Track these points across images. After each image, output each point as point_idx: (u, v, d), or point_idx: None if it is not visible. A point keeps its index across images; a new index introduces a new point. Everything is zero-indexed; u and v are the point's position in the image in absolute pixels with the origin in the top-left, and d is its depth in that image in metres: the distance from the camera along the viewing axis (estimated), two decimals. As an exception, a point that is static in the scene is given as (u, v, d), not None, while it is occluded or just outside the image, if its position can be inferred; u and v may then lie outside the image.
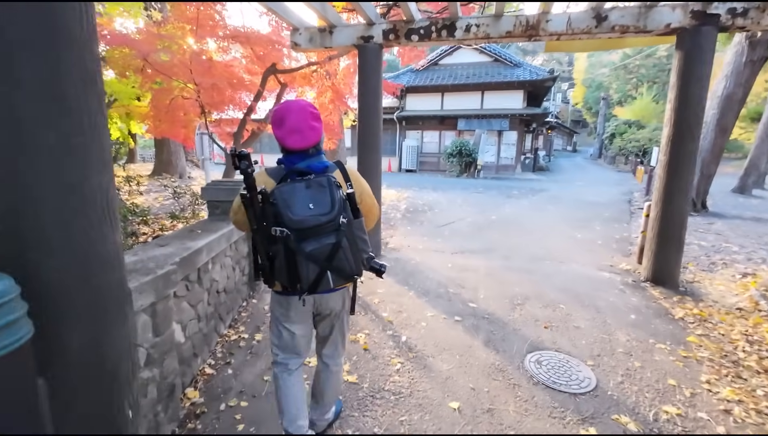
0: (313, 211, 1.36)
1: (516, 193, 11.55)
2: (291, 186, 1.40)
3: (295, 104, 1.52)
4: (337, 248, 1.38)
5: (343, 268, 1.42)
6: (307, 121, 1.49)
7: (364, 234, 1.51)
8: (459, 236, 6.26)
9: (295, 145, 1.49)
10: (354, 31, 4.60)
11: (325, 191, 1.39)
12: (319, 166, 1.51)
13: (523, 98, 17.38)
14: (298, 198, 1.38)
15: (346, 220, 1.40)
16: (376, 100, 4.73)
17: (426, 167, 19.25)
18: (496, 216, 7.92)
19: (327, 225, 1.36)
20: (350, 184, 1.54)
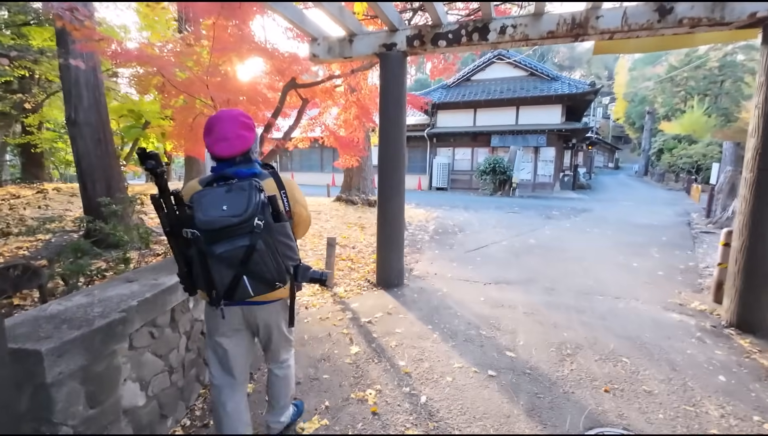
0: (225, 212, 1.31)
1: (556, 214, 10.67)
2: (210, 190, 1.39)
3: (226, 113, 1.53)
4: (251, 251, 1.32)
5: (262, 273, 1.36)
6: (235, 130, 1.48)
7: (289, 240, 1.46)
8: (493, 262, 5.60)
9: (222, 153, 1.48)
10: (375, 38, 4.22)
11: (243, 194, 1.34)
12: (246, 172, 1.49)
13: (562, 113, 16.48)
14: (211, 200, 1.35)
15: (263, 222, 1.33)
16: (400, 113, 4.29)
17: (457, 185, 18.59)
18: (534, 240, 7.17)
19: (239, 227, 1.30)
20: (284, 191, 1.54)
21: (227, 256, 1.32)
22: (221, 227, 1.30)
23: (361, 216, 9.12)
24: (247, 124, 1.53)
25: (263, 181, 1.50)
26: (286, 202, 1.55)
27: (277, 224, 1.40)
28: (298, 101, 6.20)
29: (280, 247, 1.40)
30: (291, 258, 1.45)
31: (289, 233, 1.47)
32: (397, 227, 4.43)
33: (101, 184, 5.63)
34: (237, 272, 1.34)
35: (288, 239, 1.46)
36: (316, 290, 4.25)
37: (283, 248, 1.42)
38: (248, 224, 1.30)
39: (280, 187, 1.54)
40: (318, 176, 21.42)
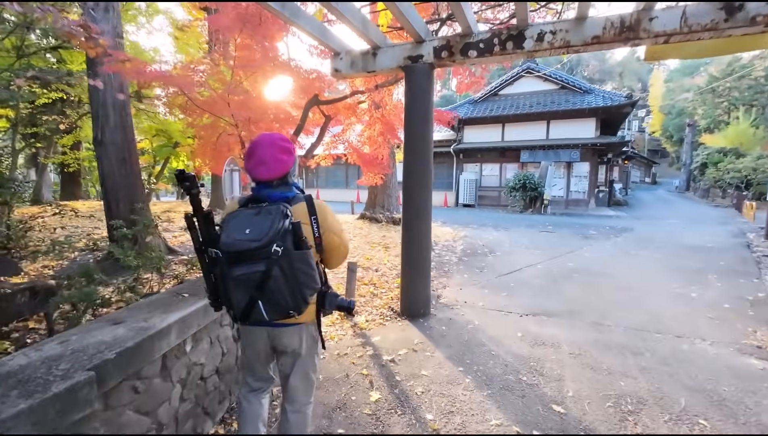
0: (246, 236, 1.32)
1: (594, 233, 9.96)
2: (241, 211, 1.43)
3: (266, 138, 1.54)
4: (266, 277, 1.32)
5: (276, 300, 1.36)
6: (274, 154, 1.50)
7: (309, 268, 1.40)
8: (528, 289, 5.11)
9: (260, 176, 1.50)
10: (400, 51, 3.98)
11: (268, 219, 1.35)
12: (278, 196, 1.49)
13: (596, 127, 15.75)
14: (238, 222, 1.37)
15: (281, 249, 1.31)
16: (426, 129, 3.99)
17: (485, 202, 18.02)
18: (573, 263, 6.60)
19: (257, 251, 1.30)
20: (314, 217, 1.51)
21: (244, 279, 1.33)
22: (240, 251, 1.31)
23: (385, 235, 8.81)
24: (286, 148, 1.54)
25: (294, 205, 1.49)
26: (317, 228, 1.51)
27: (297, 251, 1.35)
28: (321, 118, 6.05)
29: (299, 275, 1.36)
30: (310, 287, 1.41)
31: (310, 261, 1.40)
32: (423, 250, 4.07)
33: (125, 204, 5.60)
34: (252, 295, 1.34)
35: (309, 267, 1.40)
36: (335, 318, 3.93)
37: (303, 276, 1.37)
38: (266, 249, 1.29)
39: (311, 213, 1.51)
40: (343, 193, 21.39)
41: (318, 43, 4.11)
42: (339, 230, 1.60)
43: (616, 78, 59.41)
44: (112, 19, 5.32)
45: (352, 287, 4.11)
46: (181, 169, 1.37)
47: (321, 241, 1.53)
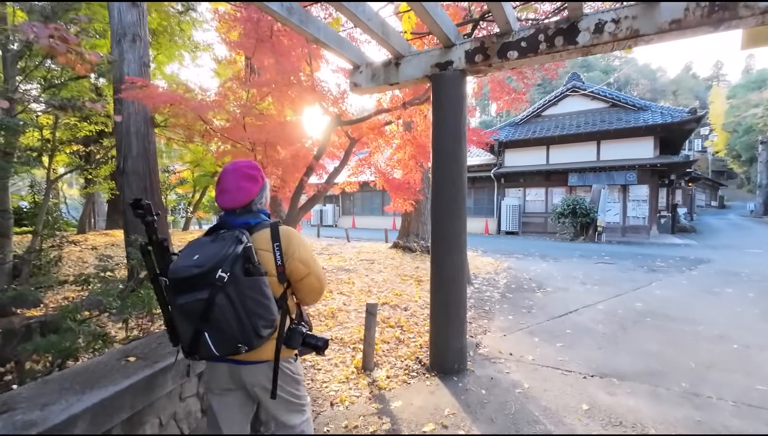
0: (194, 261, 1.25)
1: (662, 265, 8.63)
2: (198, 239, 1.39)
3: (232, 165, 1.50)
4: (209, 306, 1.21)
5: (224, 330, 1.24)
6: (236, 182, 1.45)
7: (263, 297, 1.29)
8: (590, 337, 4.17)
9: (223, 204, 1.46)
10: (426, 58, 3.45)
11: (220, 245, 1.28)
12: (239, 222, 1.43)
13: (654, 146, 14.31)
14: (191, 249, 1.32)
15: (227, 275, 1.20)
16: (458, 146, 3.37)
17: (530, 229, 16.79)
18: (643, 303, 5.52)
19: (200, 278, 1.21)
20: (277, 244, 1.41)
21: (187, 308, 1.24)
22: (184, 277, 1.23)
23: (418, 266, 8.10)
24: (250, 175, 1.48)
25: (256, 232, 1.42)
26: (279, 256, 1.41)
27: (247, 278, 1.27)
28: (345, 141, 5.63)
29: (249, 303, 1.26)
30: (263, 318, 1.29)
31: (263, 289, 1.30)
32: (456, 291, 3.36)
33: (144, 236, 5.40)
34: (197, 326, 1.24)
35: (260, 295, 1.29)
36: (349, 374, 3.27)
37: (253, 305, 1.27)
38: (210, 275, 1.20)
39: (274, 240, 1.42)
40: (379, 220, 20.99)
41: (335, 55, 3.70)
42: (307, 258, 1.48)
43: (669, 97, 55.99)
44: (138, 49, 5.31)
45: (371, 334, 3.45)
46: (137, 197, 1.30)
47: (284, 269, 1.42)
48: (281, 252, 1.41)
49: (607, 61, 65.08)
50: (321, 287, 1.53)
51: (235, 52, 10.98)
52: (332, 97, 4.84)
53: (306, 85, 4.43)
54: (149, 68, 5.53)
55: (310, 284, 1.49)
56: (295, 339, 1.44)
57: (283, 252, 1.42)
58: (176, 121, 4.89)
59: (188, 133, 5.28)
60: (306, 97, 4.53)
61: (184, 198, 13.90)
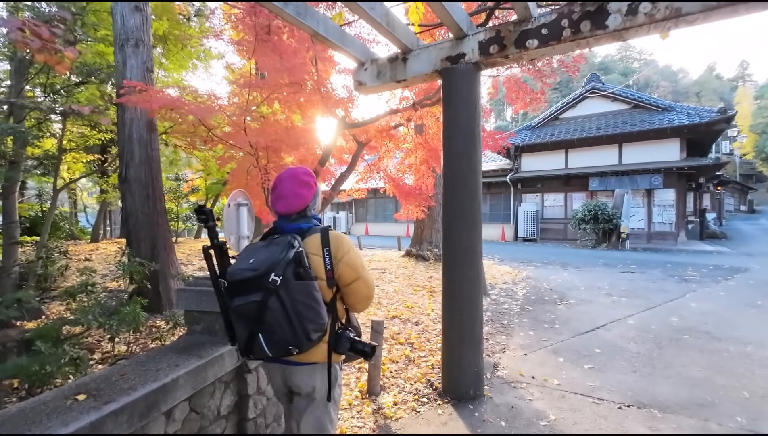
0: (249, 265, 1.30)
1: (694, 275, 8.04)
2: (255, 244, 1.46)
3: (288, 172, 1.56)
4: (263, 308, 1.26)
5: (276, 333, 1.28)
6: (292, 189, 1.51)
7: (312, 301, 1.32)
8: (622, 358, 3.75)
9: (279, 210, 1.52)
10: (436, 51, 3.16)
11: (274, 249, 1.33)
12: (291, 227, 1.48)
13: (681, 148, 13.62)
14: (247, 253, 1.39)
15: (280, 278, 1.25)
16: (471, 147, 3.05)
17: (548, 236, 16.19)
18: (678, 318, 5.03)
19: (254, 281, 1.27)
20: (327, 249, 1.43)
21: (242, 310, 1.29)
22: (239, 280, 1.29)
23: (431, 276, 7.74)
24: (305, 182, 1.54)
25: (308, 237, 1.45)
26: (328, 260, 1.42)
27: (298, 282, 1.29)
28: (353, 145, 5.38)
29: (299, 307, 1.28)
30: (313, 322, 1.31)
31: (312, 293, 1.32)
32: (471, 308, 3.02)
33: (146, 244, 5.23)
34: (251, 328, 1.29)
35: (311, 299, 1.31)
36: (352, 399, 2.95)
37: (304, 309, 1.29)
38: (263, 278, 1.25)
39: (324, 245, 1.44)
40: (392, 227, 20.67)
41: (337, 51, 3.44)
42: (356, 264, 1.49)
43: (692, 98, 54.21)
44: (141, 54, 5.19)
45: (378, 354, 3.12)
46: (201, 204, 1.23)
47: (333, 274, 1.43)
48: (330, 256, 1.43)
49: (625, 64, 63.65)
50: (369, 293, 1.53)
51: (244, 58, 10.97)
52: (337, 99, 4.60)
53: (310, 86, 4.19)
54: (153, 74, 5.40)
55: (358, 289, 1.50)
56: (343, 344, 1.44)
57: (332, 256, 1.43)
58: (178, 127, 4.71)
59: (191, 140, 5.10)
60: (310, 98, 4.29)
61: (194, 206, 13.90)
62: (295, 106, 4.90)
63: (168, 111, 4.52)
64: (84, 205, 18.65)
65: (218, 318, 2.20)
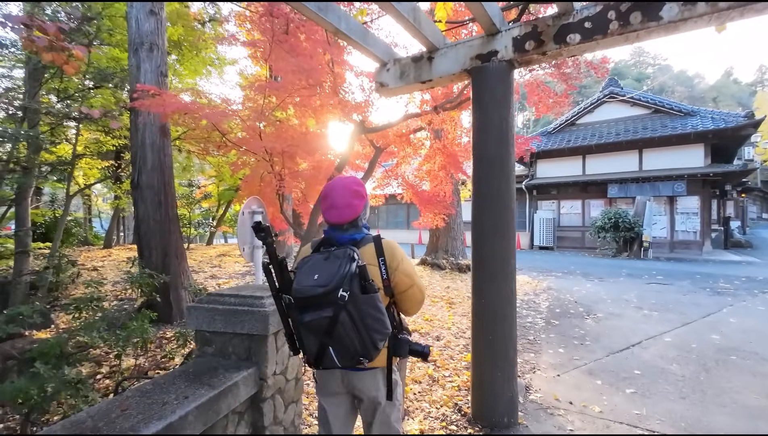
0: (316, 281, 1.32)
1: (727, 287, 7.61)
2: (312, 257, 1.43)
3: (339, 182, 1.58)
4: (333, 323, 1.29)
5: (346, 346, 1.31)
6: (345, 199, 1.53)
7: (378, 312, 1.34)
8: (666, 381, 3.43)
9: (332, 220, 1.53)
10: (465, 49, 2.94)
11: (335, 263, 1.34)
12: (346, 238, 1.51)
13: (705, 153, 13.13)
14: (308, 268, 1.38)
15: (348, 294, 1.28)
16: (505, 151, 2.81)
17: (566, 244, 15.75)
18: (720, 335, 4.67)
19: (324, 297, 1.29)
20: (382, 259, 1.47)
21: (313, 325, 1.31)
22: (308, 296, 1.30)
23: (449, 286, 7.46)
24: (357, 192, 1.56)
25: (362, 247, 1.48)
26: (384, 270, 1.47)
27: (364, 295, 1.32)
28: (370, 151, 5.18)
29: (368, 320, 1.32)
30: (380, 332, 1.34)
31: (378, 305, 1.35)
32: (504, 327, 2.76)
33: (158, 252, 5.09)
34: (323, 341, 1.32)
35: (377, 311, 1.34)
36: (375, 426, 2.70)
37: (371, 321, 1.32)
38: (333, 294, 1.27)
39: (379, 255, 1.48)
40: (404, 234, 20.40)
41: (358, 50, 3.26)
42: (410, 272, 1.54)
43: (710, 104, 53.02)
44: (155, 58, 5.10)
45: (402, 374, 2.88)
46: (257, 221, 1.38)
47: (389, 283, 1.48)
48: (386, 266, 1.47)
49: (639, 69, 62.69)
50: (422, 298, 1.59)
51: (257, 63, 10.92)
52: (355, 103, 4.41)
53: (328, 89, 4.02)
54: (167, 78, 5.30)
55: (413, 296, 1.55)
56: (403, 348, 1.48)
57: (387, 266, 1.47)
58: (191, 132, 4.58)
59: (204, 145, 4.96)
60: (326, 102, 4.11)
61: (209, 212, 13.85)
62: (310, 110, 4.74)
63: (181, 116, 4.39)
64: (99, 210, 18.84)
65: (232, 339, 1.99)
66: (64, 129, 5.22)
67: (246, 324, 1.92)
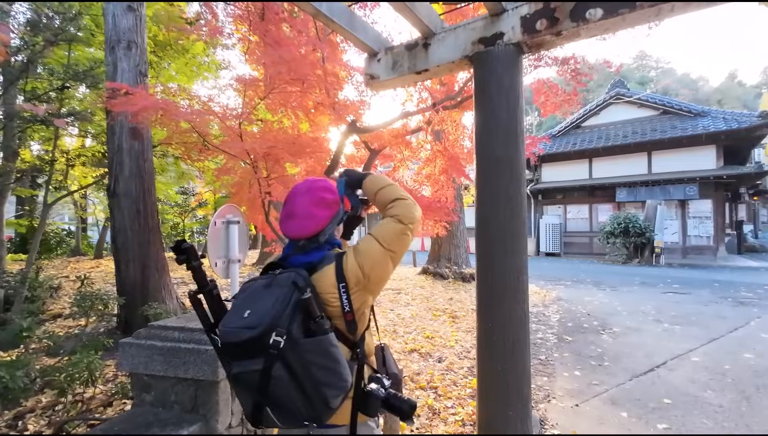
0: (245, 320, 0.99)
1: (750, 296, 7.12)
2: (252, 283, 1.11)
3: (305, 185, 1.24)
4: (265, 378, 0.95)
5: (286, 406, 0.98)
6: (306, 207, 1.17)
7: (329, 360, 0.99)
8: (702, 412, 2.98)
9: (287, 233, 1.19)
10: (466, 33, 2.55)
11: (273, 295, 1.01)
12: (299, 260, 1.15)
13: (717, 155, 12.67)
14: (242, 300, 1.07)
15: (283, 339, 0.93)
16: (514, 148, 2.40)
17: (573, 250, 15.27)
18: (753, 353, 4.21)
19: (252, 343, 0.95)
20: (343, 285, 1.08)
21: (241, 379, 1.00)
22: (233, 343, 0.98)
23: (452, 297, 7.02)
24: (323, 200, 1.18)
25: (319, 271, 1.11)
26: (347, 301, 1.08)
27: (308, 339, 0.98)
28: (365, 154, 4.79)
29: (314, 371, 0.97)
30: (332, 386, 0.99)
31: (330, 350, 0.99)
32: (516, 358, 2.33)
33: (135, 265, 4.71)
34: (256, 400, 0.99)
35: (327, 359, 0.99)
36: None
37: (319, 372, 0.97)
38: (263, 340, 0.94)
39: (340, 280, 1.08)
40: (406, 241, 19.95)
41: (344, 36, 2.88)
42: (372, 261, 1.11)
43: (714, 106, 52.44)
44: (134, 57, 4.77)
45: (396, 414, 2.46)
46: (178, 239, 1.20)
47: (353, 316, 1.09)
48: (348, 294, 1.09)
49: (642, 73, 62.29)
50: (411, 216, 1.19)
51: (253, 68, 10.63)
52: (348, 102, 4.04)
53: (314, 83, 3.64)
54: (146, 78, 4.96)
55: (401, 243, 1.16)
56: (373, 404, 1.11)
57: (350, 293, 1.10)
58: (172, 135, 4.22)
59: (185, 149, 4.60)
60: (310, 98, 3.74)
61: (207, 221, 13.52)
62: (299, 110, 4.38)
63: (158, 118, 4.04)
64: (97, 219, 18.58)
65: (174, 386, 1.59)
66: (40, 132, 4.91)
67: (191, 367, 1.52)
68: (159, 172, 9.67)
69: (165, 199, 13.33)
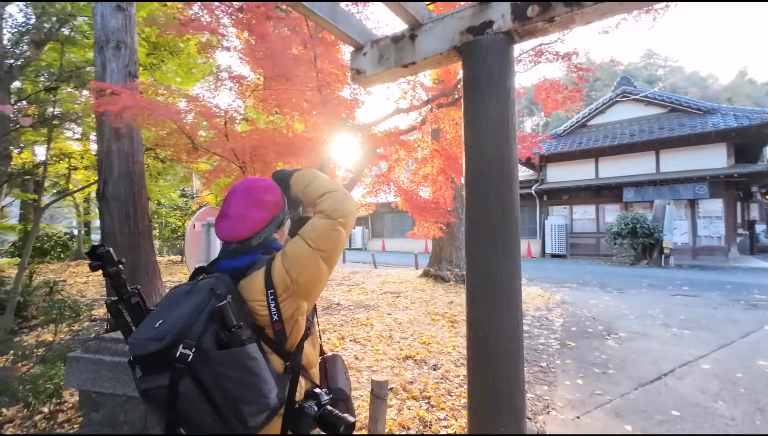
0: (155, 331, 0.90)
1: (762, 298, 6.86)
2: (176, 290, 1.02)
3: (244, 184, 1.13)
4: (173, 394, 0.85)
5: (197, 424, 0.88)
6: (240, 208, 1.07)
7: (246, 374, 0.89)
8: (714, 426, 2.78)
9: (218, 234, 1.08)
10: (453, 23, 2.41)
11: (191, 301, 0.92)
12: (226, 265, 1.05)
13: (728, 153, 12.34)
14: (160, 308, 0.98)
15: (192, 351, 0.84)
16: (506, 146, 2.25)
17: (579, 251, 14.98)
18: (767, 360, 3.98)
19: (159, 356, 0.86)
20: (272, 292, 0.98)
21: (152, 395, 0.89)
22: (139, 355, 0.90)
23: (452, 301, 6.85)
24: (259, 201, 1.08)
25: (248, 276, 1.01)
26: (275, 308, 0.98)
27: (220, 352, 0.88)
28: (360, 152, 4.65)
29: (228, 386, 0.87)
30: (251, 402, 0.88)
31: (246, 363, 0.89)
32: (509, 369, 2.16)
33: (125, 269, 4.60)
34: (167, 418, 0.89)
35: (244, 372, 0.89)
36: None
37: (234, 387, 0.87)
38: (167, 353, 0.85)
39: (268, 286, 0.98)
40: (409, 243, 19.77)
41: (327, 29, 2.75)
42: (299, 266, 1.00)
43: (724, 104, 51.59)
44: (123, 57, 4.68)
45: (380, 428, 2.30)
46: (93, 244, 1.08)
47: (282, 326, 0.99)
48: (276, 301, 0.98)
49: (650, 71, 61.51)
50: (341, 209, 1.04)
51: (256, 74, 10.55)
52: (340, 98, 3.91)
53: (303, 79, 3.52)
54: (136, 79, 4.88)
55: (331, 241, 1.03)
56: (304, 422, 1.00)
57: (279, 301, 0.98)
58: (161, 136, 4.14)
59: (175, 151, 4.51)
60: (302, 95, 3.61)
61: (207, 223, 13.46)
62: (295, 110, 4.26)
63: (145, 116, 3.94)
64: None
65: (125, 404, 1.46)
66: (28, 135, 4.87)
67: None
68: (158, 174, 9.63)
69: (167, 202, 13.33)
